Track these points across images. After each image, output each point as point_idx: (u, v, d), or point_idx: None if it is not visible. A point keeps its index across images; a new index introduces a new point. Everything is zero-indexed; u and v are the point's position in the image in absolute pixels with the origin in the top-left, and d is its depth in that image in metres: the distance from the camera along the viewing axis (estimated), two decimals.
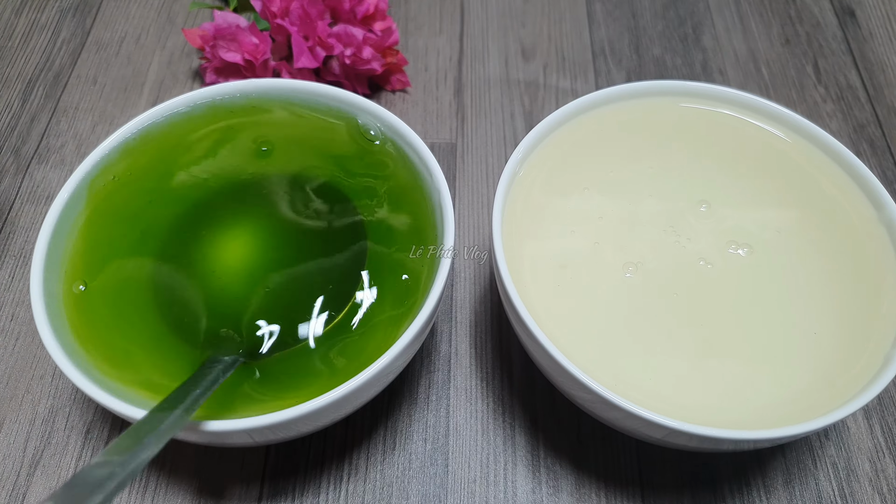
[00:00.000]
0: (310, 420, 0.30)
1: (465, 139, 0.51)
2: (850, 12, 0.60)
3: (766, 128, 0.41)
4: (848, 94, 0.54)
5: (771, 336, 0.34)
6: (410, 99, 0.53)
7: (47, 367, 0.40)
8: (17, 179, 0.48)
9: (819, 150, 0.39)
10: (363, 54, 0.49)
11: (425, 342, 0.41)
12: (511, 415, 0.39)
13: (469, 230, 0.46)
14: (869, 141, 0.51)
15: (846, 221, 0.37)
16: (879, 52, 0.57)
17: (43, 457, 0.37)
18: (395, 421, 0.39)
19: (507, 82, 0.54)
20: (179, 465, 0.37)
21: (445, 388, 0.40)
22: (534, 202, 0.38)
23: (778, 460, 0.38)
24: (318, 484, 0.37)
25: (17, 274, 0.43)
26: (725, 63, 0.56)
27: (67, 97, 0.52)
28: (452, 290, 0.44)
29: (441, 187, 0.36)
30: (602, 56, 0.56)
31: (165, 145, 0.39)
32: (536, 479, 0.37)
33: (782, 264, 0.36)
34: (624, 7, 0.60)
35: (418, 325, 0.32)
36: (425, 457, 0.38)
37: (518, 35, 0.57)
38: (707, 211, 0.38)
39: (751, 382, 0.33)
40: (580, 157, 0.39)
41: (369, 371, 0.30)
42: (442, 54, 0.56)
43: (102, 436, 0.38)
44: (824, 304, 0.35)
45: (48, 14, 0.57)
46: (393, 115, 0.38)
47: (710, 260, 0.36)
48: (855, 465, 0.38)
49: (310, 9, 0.49)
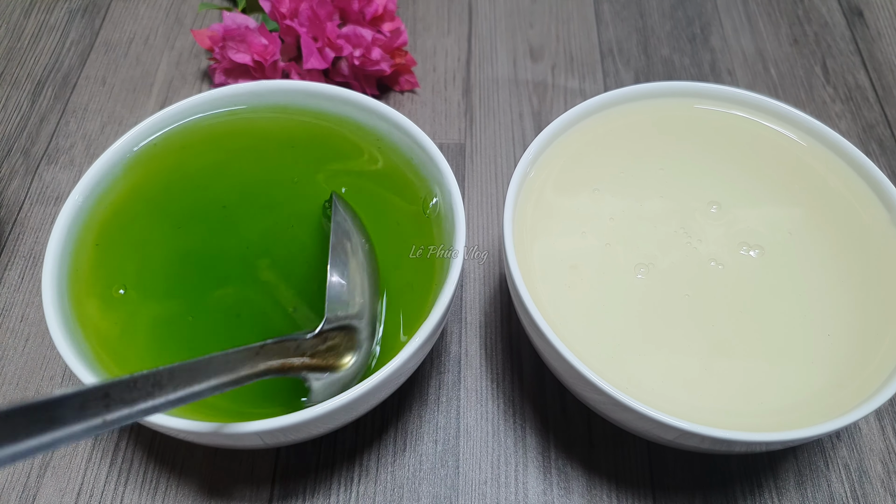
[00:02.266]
0: (321, 423, 0.30)
1: (474, 139, 0.51)
2: (859, 12, 0.60)
3: (776, 129, 0.40)
4: (857, 94, 0.54)
5: (783, 338, 0.34)
6: (419, 99, 0.53)
7: (57, 369, 0.40)
8: (27, 180, 0.48)
9: (831, 152, 0.39)
10: (372, 55, 0.49)
11: (435, 343, 0.41)
12: (522, 416, 0.39)
13: (478, 230, 0.46)
14: (878, 141, 0.51)
15: (857, 222, 0.37)
16: (888, 52, 0.57)
17: (53, 458, 0.37)
18: (406, 422, 0.39)
19: (515, 83, 0.54)
20: (190, 467, 0.37)
21: (456, 390, 0.40)
22: (544, 203, 0.37)
23: (790, 462, 0.38)
24: (329, 485, 0.37)
25: (27, 275, 0.44)
26: (734, 63, 0.56)
27: (76, 98, 0.52)
28: (462, 291, 0.44)
29: (451, 188, 0.36)
30: (610, 56, 0.56)
31: (183, 147, 0.39)
32: (547, 480, 0.37)
33: (794, 266, 0.36)
34: (632, 7, 0.59)
35: (429, 327, 0.32)
36: (436, 458, 0.38)
37: (526, 35, 0.57)
38: (718, 212, 0.38)
39: (763, 384, 0.33)
40: (591, 157, 0.39)
41: (380, 374, 0.30)
42: (450, 55, 0.56)
43: (112, 437, 0.38)
44: (836, 305, 0.35)
45: (57, 15, 0.57)
46: (402, 115, 0.38)
47: (721, 261, 0.36)
48: (867, 467, 0.38)
49: (319, 10, 0.49)
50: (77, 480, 0.37)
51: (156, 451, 0.37)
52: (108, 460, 0.37)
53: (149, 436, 0.38)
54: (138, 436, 0.38)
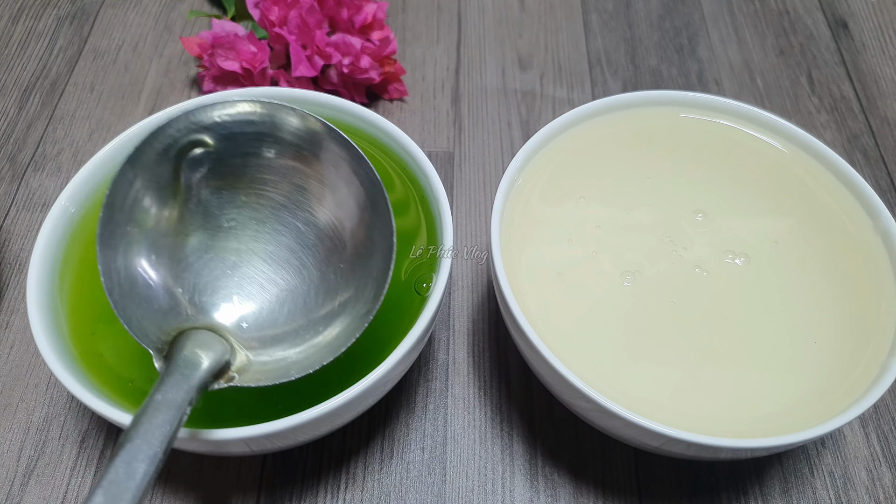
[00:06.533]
0: (307, 429, 0.30)
1: (463, 148, 0.51)
2: (843, 24, 0.60)
3: (762, 138, 0.41)
4: (841, 104, 0.55)
5: (768, 345, 0.34)
6: (408, 108, 0.53)
7: (42, 376, 0.40)
8: (13, 187, 0.47)
9: (815, 161, 0.39)
10: (361, 63, 0.50)
11: (423, 351, 0.41)
12: (509, 423, 0.39)
13: (466, 238, 0.46)
14: (863, 151, 0.52)
15: (842, 231, 0.37)
16: (872, 64, 0.57)
17: (37, 466, 0.37)
18: (393, 430, 0.39)
19: (503, 92, 0.54)
20: (176, 475, 0.37)
21: (443, 397, 0.40)
22: (531, 211, 0.38)
23: (775, 468, 0.38)
24: (316, 493, 0.37)
25: (12, 281, 0.43)
26: (721, 73, 0.56)
27: (64, 105, 0.52)
28: (450, 299, 0.44)
29: (439, 196, 0.36)
30: (598, 66, 0.56)
31: None
32: (534, 487, 0.37)
33: (779, 274, 0.36)
34: (620, 18, 0.60)
35: (416, 333, 0.32)
36: (423, 466, 0.38)
37: (515, 45, 0.57)
38: (704, 220, 0.38)
39: (748, 391, 0.33)
40: (577, 166, 0.39)
41: (367, 380, 0.30)
42: (439, 64, 0.56)
43: (98, 445, 0.38)
44: (820, 313, 0.35)
45: (45, 21, 0.57)
46: (391, 123, 0.38)
47: (707, 269, 0.36)
48: (851, 474, 0.38)
49: (308, 18, 0.49)
50: (61, 489, 0.36)
51: None
52: (92, 468, 0.37)
53: None
54: None
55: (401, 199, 0.38)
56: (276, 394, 0.32)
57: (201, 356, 0.28)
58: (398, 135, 0.38)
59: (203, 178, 0.32)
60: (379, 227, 0.31)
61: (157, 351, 0.29)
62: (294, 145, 0.32)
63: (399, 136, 0.38)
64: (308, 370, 0.30)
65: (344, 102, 0.39)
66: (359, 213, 0.32)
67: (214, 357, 0.29)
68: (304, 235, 0.33)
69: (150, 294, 0.30)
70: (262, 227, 0.33)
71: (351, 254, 0.32)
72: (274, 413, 0.29)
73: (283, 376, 0.30)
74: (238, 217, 0.33)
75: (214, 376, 0.28)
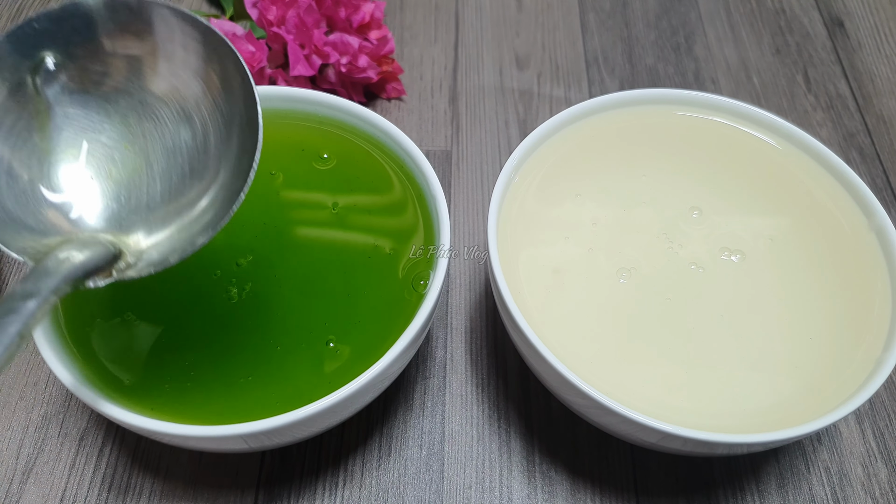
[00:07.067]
0: (305, 425, 0.30)
1: (460, 147, 0.51)
2: (840, 23, 0.61)
3: (758, 136, 0.41)
4: (837, 103, 0.55)
5: (763, 341, 0.34)
6: (406, 107, 0.53)
7: (41, 374, 0.40)
8: None
9: (811, 159, 0.40)
10: (359, 63, 0.50)
11: (421, 348, 0.42)
12: (506, 420, 0.39)
13: (464, 237, 0.47)
14: (858, 149, 0.52)
15: (837, 228, 0.38)
16: (868, 62, 0.58)
17: (36, 464, 0.37)
18: (391, 427, 0.39)
19: (501, 91, 0.54)
20: (174, 473, 0.37)
21: (441, 394, 0.40)
22: (528, 209, 0.38)
23: (771, 465, 0.38)
24: (314, 490, 0.37)
25: (11, 280, 0.43)
26: (717, 72, 0.57)
27: None
28: (448, 297, 0.44)
29: (437, 194, 0.36)
30: (595, 65, 0.56)
31: None
32: (532, 484, 0.37)
33: (774, 270, 0.36)
34: (617, 17, 0.60)
35: (413, 330, 0.32)
36: (421, 463, 0.38)
37: (512, 44, 0.58)
38: (699, 217, 0.38)
39: (744, 387, 0.33)
40: (574, 164, 0.40)
41: (365, 377, 0.30)
42: (437, 63, 0.56)
43: (97, 442, 0.38)
44: (815, 309, 0.35)
45: None
46: (389, 122, 0.39)
47: (702, 265, 0.36)
48: (847, 470, 0.38)
49: (306, 17, 0.49)
50: (60, 487, 0.36)
51: (140, 456, 0.37)
52: (91, 466, 0.37)
53: (133, 441, 0.38)
54: (122, 441, 0.38)
55: (398, 198, 0.38)
56: (275, 391, 0.32)
57: (72, 254, 0.28)
58: (396, 134, 0.38)
59: (49, 83, 0.31)
60: (232, 95, 0.30)
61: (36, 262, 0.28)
62: (120, 23, 0.31)
63: (397, 134, 0.38)
64: (188, 250, 0.29)
65: (342, 101, 0.39)
66: (198, 82, 0.31)
67: (89, 254, 0.28)
68: (154, 110, 0.32)
69: (22, 213, 0.29)
70: (110, 117, 0.32)
71: (201, 126, 0.31)
72: (272, 409, 0.30)
73: (163, 263, 0.29)
74: (88, 114, 0.32)
75: (92, 273, 0.28)
